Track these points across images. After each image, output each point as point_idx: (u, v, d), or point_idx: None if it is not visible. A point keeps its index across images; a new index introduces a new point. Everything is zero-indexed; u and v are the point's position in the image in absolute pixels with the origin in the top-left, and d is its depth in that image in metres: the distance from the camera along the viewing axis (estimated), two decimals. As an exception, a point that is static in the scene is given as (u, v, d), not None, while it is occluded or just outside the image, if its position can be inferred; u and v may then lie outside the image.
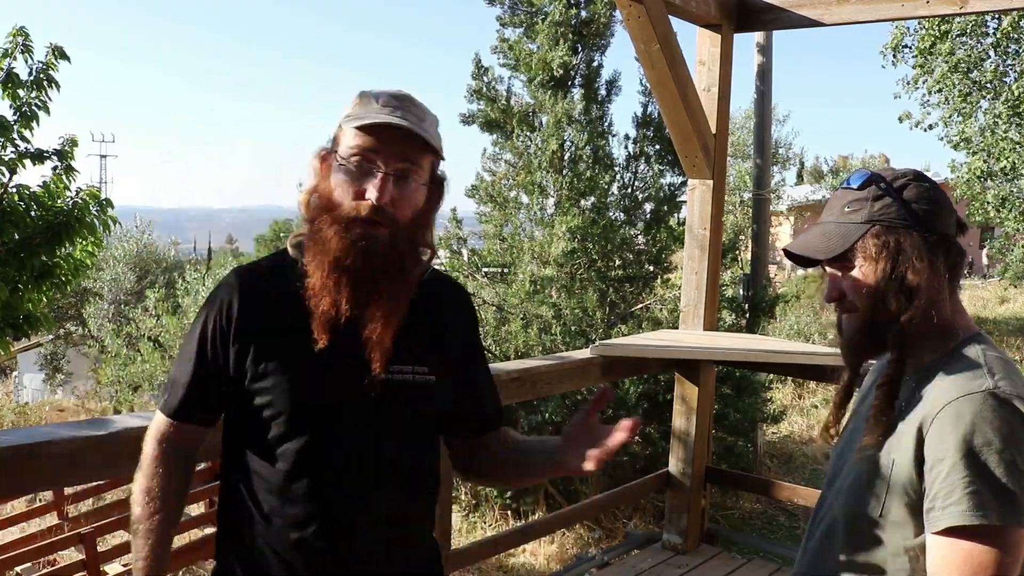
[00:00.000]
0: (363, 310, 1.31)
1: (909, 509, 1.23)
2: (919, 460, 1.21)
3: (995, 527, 1.13)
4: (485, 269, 7.81)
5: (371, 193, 1.29)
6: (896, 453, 1.25)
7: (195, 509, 6.51)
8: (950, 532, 1.15)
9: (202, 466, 6.74)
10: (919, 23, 12.97)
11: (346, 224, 1.29)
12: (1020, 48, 12.64)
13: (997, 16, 12.21)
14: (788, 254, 1.37)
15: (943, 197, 1.32)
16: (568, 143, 7.19)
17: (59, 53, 6.69)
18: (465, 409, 1.53)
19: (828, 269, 1.36)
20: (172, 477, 1.42)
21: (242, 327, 1.36)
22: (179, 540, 6.03)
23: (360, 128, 1.30)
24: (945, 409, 1.19)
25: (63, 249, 6.75)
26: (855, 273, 1.30)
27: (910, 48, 13.52)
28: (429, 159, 1.36)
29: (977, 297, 21.13)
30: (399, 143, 1.30)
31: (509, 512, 6.35)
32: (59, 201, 6.74)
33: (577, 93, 7.37)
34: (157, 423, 1.44)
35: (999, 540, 1.13)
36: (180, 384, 1.41)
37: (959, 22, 12.39)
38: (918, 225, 1.27)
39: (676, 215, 7.60)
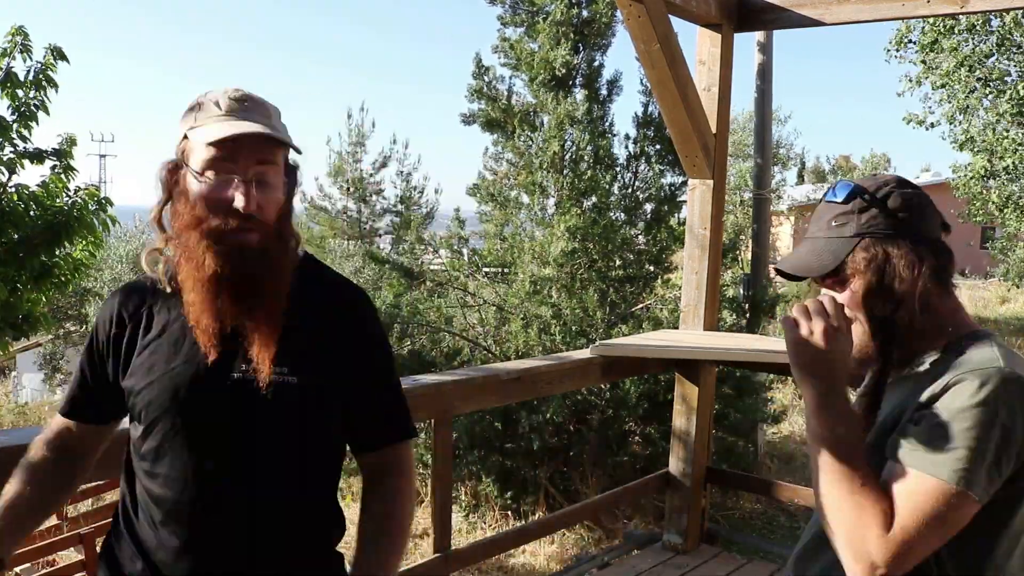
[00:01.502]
0: (244, 318, 1.33)
1: None
2: (910, 423, 1.24)
3: (963, 493, 1.16)
4: (485, 269, 7.80)
5: (238, 202, 1.29)
6: (892, 426, 1.28)
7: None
8: (933, 478, 1.17)
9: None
10: (923, 19, 12.97)
11: (216, 238, 1.29)
12: (1022, 47, 12.64)
13: (998, 15, 12.20)
14: (780, 272, 1.38)
15: (926, 201, 1.34)
16: (569, 143, 7.18)
17: (58, 54, 6.69)
18: (349, 419, 1.47)
19: (821, 285, 1.36)
20: (47, 461, 1.50)
21: (117, 338, 1.43)
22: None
23: (211, 142, 1.29)
24: (959, 380, 1.21)
25: (62, 249, 6.74)
26: (849, 288, 1.32)
27: (914, 44, 13.51)
28: (282, 153, 1.37)
29: (978, 297, 21.12)
30: (253, 147, 1.30)
31: (509, 512, 6.35)
32: (58, 201, 6.73)
33: (578, 93, 7.36)
34: (51, 422, 1.55)
35: (962, 505, 1.17)
36: (70, 388, 1.54)
37: (963, 19, 12.38)
38: (904, 233, 1.29)
39: (676, 215, 7.59)
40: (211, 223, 1.30)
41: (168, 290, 1.40)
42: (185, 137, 1.35)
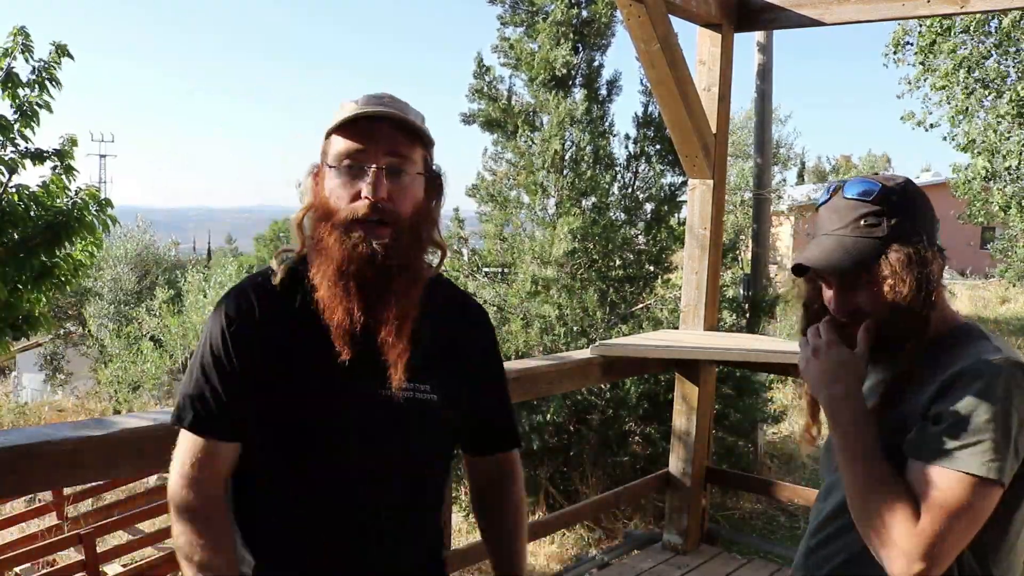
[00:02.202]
0: (375, 316, 1.27)
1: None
2: (925, 419, 1.27)
3: (994, 483, 1.20)
4: (486, 269, 7.80)
5: (366, 191, 1.25)
6: (905, 422, 1.31)
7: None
8: (958, 471, 1.20)
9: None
10: (920, 20, 12.97)
11: (346, 228, 1.25)
12: (1021, 47, 12.63)
13: (997, 16, 12.20)
14: (800, 269, 1.39)
15: (931, 204, 1.39)
16: (569, 143, 7.18)
17: (62, 51, 6.69)
18: (470, 426, 1.51)
19: (836, 282, 1.37)
20: (220, 504, 1.32)
21: (249, 344, 1.31)
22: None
23: (343, 128, 1.27)
24: (967, 373, 1.24)
25: (63, 249, 6.75)
26: (879, 288, 1.32)
27: (911, 45, 13.51)
28: (419, 151, 1.32)
29: (978, 297, 21.12)
30: (385, 136, 1.27)
31: (509, 512, 6.34)
32: (59, 201, 6.74)
33: (578, 93, 7.36)
34: (191, 448, 1.31)
35: (991, 495, 1.20)
36: (207, 398, 1.31)
37: (961, 20, 12.38)
38: (929, 237, 1.34)
39: (677, 215, 7.59)
40: (341, 214, 1.26)
41: (279, 289, 1.32)
42: (326, 137, 1.32)
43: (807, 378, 1.39)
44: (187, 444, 1.31)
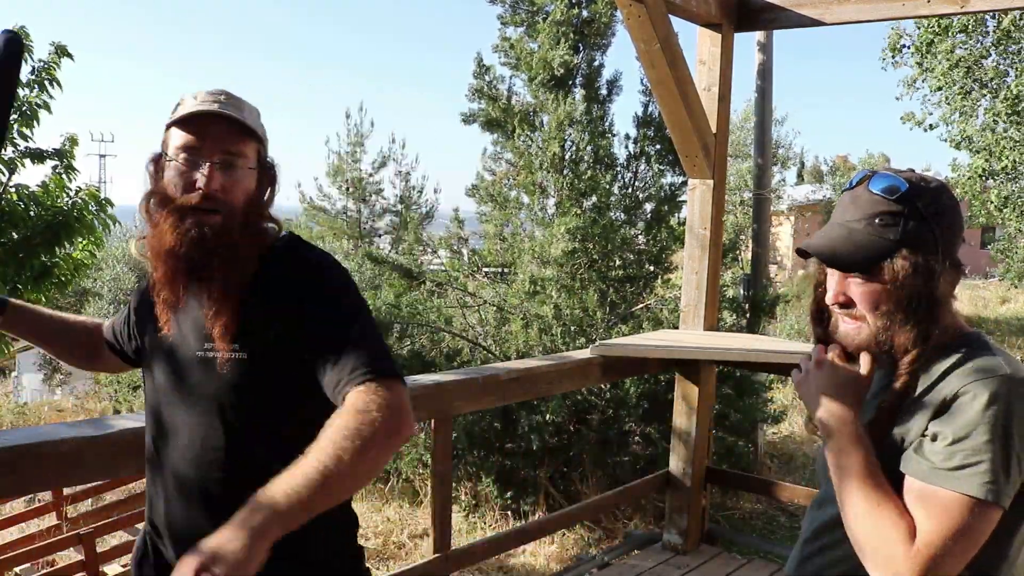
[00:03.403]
0: (201, 293, 1.42)
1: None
2: (923, 438, 1.25)
3: (992, 505, 1.17)
4: (485, 269, 7.80)
5: (200, 182, 1.38)
6: (902, 438, 1.29)
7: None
8: (958, 494, 1.18)
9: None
10: (917, 21, 12.97)
11: (180, 215, 1.39)
12: (1020, 47, 12.64)
13: (996, 15, 12.20)
14: (803, 252, 1.36)
15: (962, 216, 1.34)
16: (569, 143, 7.18)
17: (62, 51, 6.69)
18: (318, 366, 1.40)
19: (839, 272, 1.34)
20: (85, 329, 1.85)
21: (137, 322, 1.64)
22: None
23: (179, 123, 1.41)
24: (967, 391, 1.21)
25: (63, 249, 6.74)
26: (877, 290, 1.29)
27: (908, 47, 13.53)
28: (253, 146, 1.45)
29: (978, 297, 21.12)
30: (219, 133, 1.40)
31: (509, 512, 6.34)
32: (59, 201, 6.73)
33: (578, 93, 7.36)
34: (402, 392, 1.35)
35: (990, 516, 1.18)
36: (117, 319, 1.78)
37: (959, 20, 12.39)
38: (946, 250, 1.28)
39: (676, 215, 7.59)
40: (177, 202, 1.39)
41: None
42: (166, 129, 1.45)
43: (805, 391, 1.37)
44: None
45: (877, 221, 1.28)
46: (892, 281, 1.27)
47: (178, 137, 1.41)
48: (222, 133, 1.40)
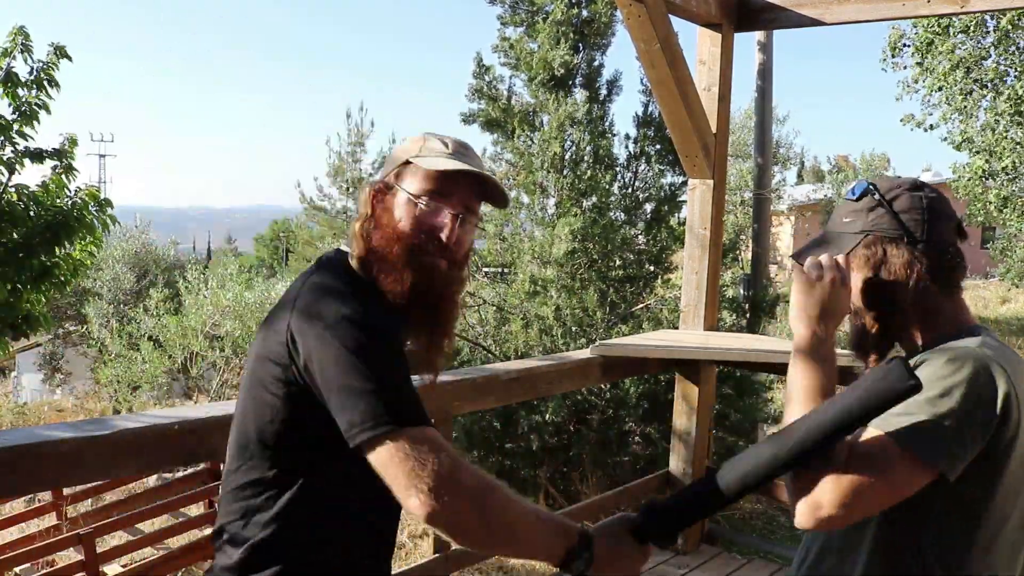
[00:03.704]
0: (424, 334, 1.48)
1: None
2: None
3: (927, 465, 1.19)
4: (485, 269, 7.80)
5: (444, 233, 1.41)
6: None
7: (195, 509, 6.50)
8: (888, 437, 1.21)
9: (201, 466, 6.73)
10: (917, 21, 12.97)
11: (416, 254, 1.40)
12: (1020, 47, 12.64)
13: (996, 16, 12.20)
14: (796, 258, 1.43)
15: (939, 205, 1.36)
16: (569, 143, 7.18)
17: (61, 52, 6.69)
18: None
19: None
20: None
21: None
22: (179, 540, 6.02)
23: (440, 173, 1.41)
24: (932, 358, 1.25)
25: (62, 249, 6.74)
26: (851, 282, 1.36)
27: (908, 47, 13.52)
28: (480, 204, 1.50)
29: (979, 297, 21.12)
30: (470, 188, 1.44)
31: (509, 512, 6.34)
32: (58, 201, 6.73)
33: (578, 93, 7.36)
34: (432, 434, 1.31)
35: (919, 476, 1.19)
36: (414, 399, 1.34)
37: (959, 20, 12.39)
38: (907, 235, 1.32)
39: (677, 215, 7.59)
40: (415, 241, 1.40)
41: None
42: (406, 163, 1.44)
43: (806, 299, 1.35)
44: (435, 435, 1.33)
45: (844, 220, 1.39)
46: (857, 268, 1.35)
47: (426, 179, 1.41)
48: (472, 190, 1.44)
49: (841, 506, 1.20)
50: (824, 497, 1.20)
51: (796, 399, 1.31)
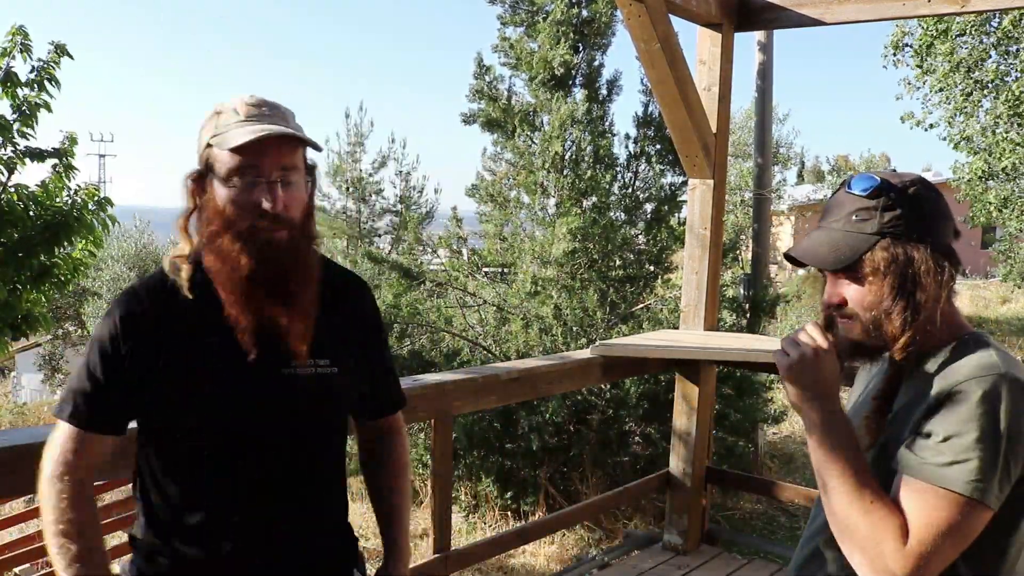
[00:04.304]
0: (281, 314, 1.40)
1: None
2: (917, 435, 1.24)
3: (979, 503, 1.18)
4: (485, 269, 7.79)
5: (266, 204, 1.35)
6: (897, 436, 1.29)
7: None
8: (943, 490, 1.18)
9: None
10: (918, 23, 12.97)
11: (248, 238, 1.35)
12: (1020, 47, 12.63)
13: (998, 15, 12.20)
14: (790, 259, 1.38)
15: (945, 206, 1.34)
16: (569, 143, 7.18)
17: (61, 51, 6.68)
18: (367, 394, 1.63)
19: (833, 278, 1.36)
20: (86, 496, 1.43)
21: (147, 342, 1.41)
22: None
23: (235, 147, 1.34)
24: (961, 389, 1.21)
25: (62, 249, 6.74)
26: (862, 286, 1.31)
27: (910, 48, 13.53)
28: (301, 153, 1.43)
29: (979, 297, 21.11)
30: (276, 149, 1.36)
31: (509, 512, 6.34)
32: (58, 201, 6.72)
33: (578, 93, 7.36)
34: (64, 437, 1.42)
35: (978, 515, 1.18)
36: (89, 394, 1.41)
37: (959, 21, 12.38)
38: (925, 237, 1.28)
39: (677, 215, 7.59)
40: (242, 225, 1.36)
41: (190, 296, 1.41)
42: (209, 146, 1.39)
43: (797, 379, 1.32)
44: (63, 435, 1.42)
45: (854, 218, 1.31)
46: (874, 272, 1.28)
47: (230, 158, 1.36)
48: (279, 150, 1.37)
49: (916, 570, 1.18)
50: (898, 569, 1.18)
51: (831, 464, 1.27)
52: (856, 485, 1.24)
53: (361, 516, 5.80)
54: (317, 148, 1.44)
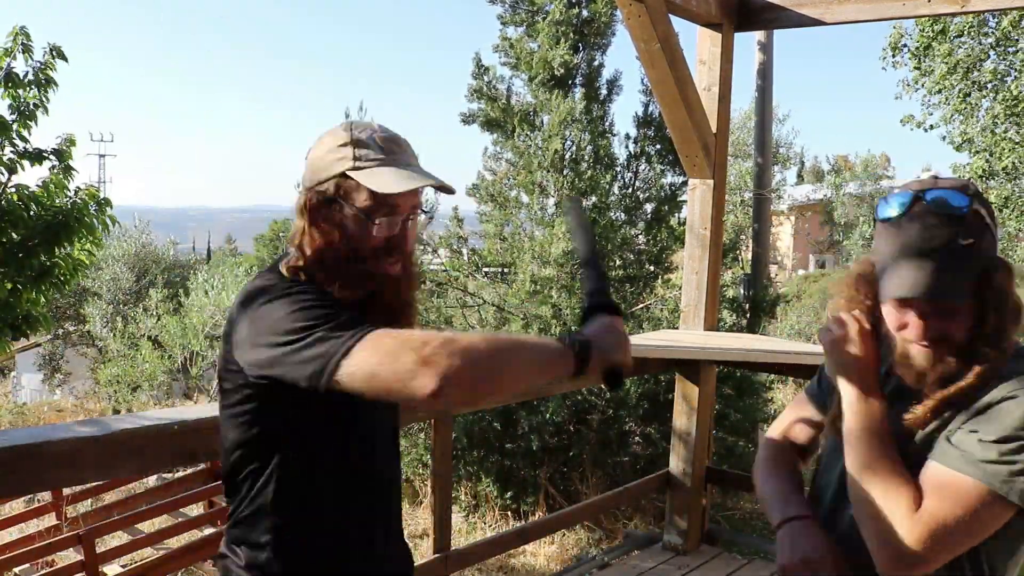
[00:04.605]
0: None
1: None
2: (960, 432, 1.24)
3: (1008, 504, 1.18)
4: (485, 269, 7.80)
5: (397, 240, 1.41)
6: (935, 434, 1.27)
7: (195, 509, 6.50)
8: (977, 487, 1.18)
9: (201, 466, 6.73)
10: (916, 24, 12.97)
11: (371, 267, 1.39)
12: (1019, 48, 12.64)
13: (996, 16, 12.20)
14: (906, 300, 1.26)
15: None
16: (569, 143, 7.18)
17: (58, 53, 6.68)
18: None
19: (932, 309, 1.25)
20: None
21: None
22: (179, 540, 6.02)
23: (392, 193, 1.35)
24: (1017, 392, 1.20)
25: (62, 249, 6.73)
26: (963, 311, 1.24)
27: (908, 48, 13.53)
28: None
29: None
30: (414, 192, 1.40)
31: (509, 512, 6.34)
32: (58, 201, 6.72)
33: (578, 92, 7.36)
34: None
35: (1001, 514, 1.18)
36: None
37: (957, 22, 12.39)
38: (1005, 261, 1.27)
39: (677, 215, 7.59)
40: (371, 257, 1.39)
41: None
42: (344, 176, 1.36)
43: (836, 355, 1.35)
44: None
45: (961, 240, 1.23)
46: (994, 300, 1.23)
47: (374, 196, 1.35)
48: (414, 192, 1.40)
49: (927, 547, 1.18)
50: (908, 537, 1.18)
51: (860, 439, 1.29)
52: (879, 456, 1.25)
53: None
54: (451, 192, 1.46)
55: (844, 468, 1.34)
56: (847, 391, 1.34)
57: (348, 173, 1.36)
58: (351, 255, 1.38)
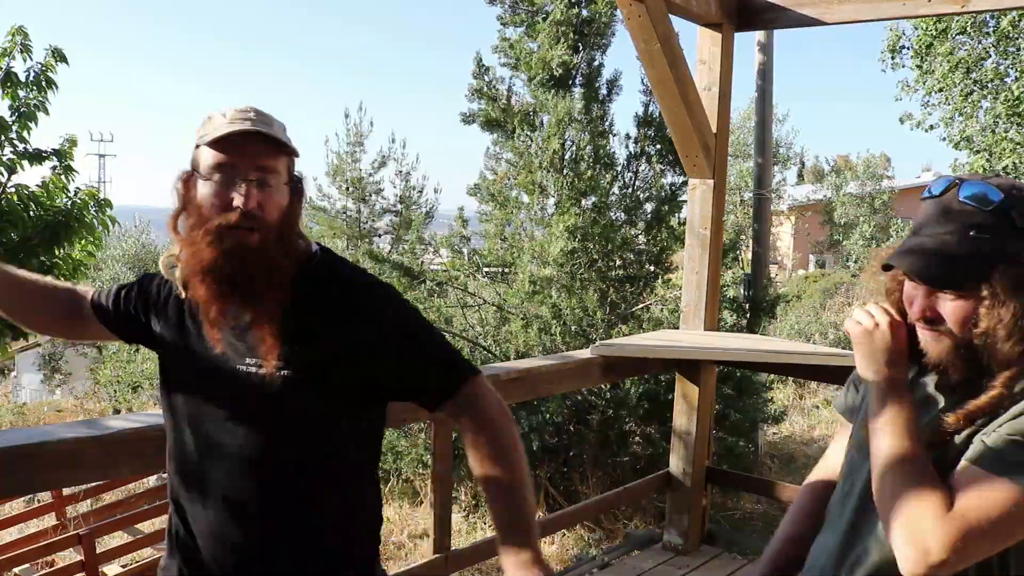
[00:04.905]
0: (242, 312, 1.43)
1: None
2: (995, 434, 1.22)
3: None
4: (486, 268, 7.80)
5: (237, 201, 1.38)
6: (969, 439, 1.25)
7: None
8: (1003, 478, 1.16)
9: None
10: (915, 23, 12.97)
11: (219, 235, 1.38)
12: (1020, 47, 12.63)
13: (996, 15, 12.20)
14: (887, 267, 1.31)
15: None
16: (569, 143, 7.18)
17: (58, 55, 6.68)
18: (410, 390, 1.55)
19: (925, 286, 1.27)
20: (59, 294, 1.75)
21: (148, 305, 1.61)
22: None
23: (214, 143, 1.40)
24: None
25: (62, 249, 6.74)
26: (971, 304, 1.23)
27: (908, 49, 13.53)
28: (284, 160, 1.45)
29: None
30: (253, 150, 1.40)
31: (509, 512, 6.33)
32: (58, 201, 6.73)
33: (578, 92, 7.36)
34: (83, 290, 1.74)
35: None
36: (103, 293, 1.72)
37: (958, 21, 12.38)
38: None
39: (677, 215, 7.59)
40: (214, 221, 1.39)
41: (183, 295, 1.50)
42: (196, 147, 1.45)
43: (864, 347, 1.33)
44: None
45: (972, 234, 1.22)
46: (993, 297, 1.20)
47: (211, 156, 1.40)
48: (256, 150, 1.40)
49: (955, 549, 1.14)
50: (934, 539, 1.15)
51: (886, 431, 1.26)
52: (908, 451, 1.23)
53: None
54: (295, 154, 1.46)
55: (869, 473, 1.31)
56: (876, 383, 1.31)
57: (197, 143, 1.44)
58: (199, 221, 1.41)
